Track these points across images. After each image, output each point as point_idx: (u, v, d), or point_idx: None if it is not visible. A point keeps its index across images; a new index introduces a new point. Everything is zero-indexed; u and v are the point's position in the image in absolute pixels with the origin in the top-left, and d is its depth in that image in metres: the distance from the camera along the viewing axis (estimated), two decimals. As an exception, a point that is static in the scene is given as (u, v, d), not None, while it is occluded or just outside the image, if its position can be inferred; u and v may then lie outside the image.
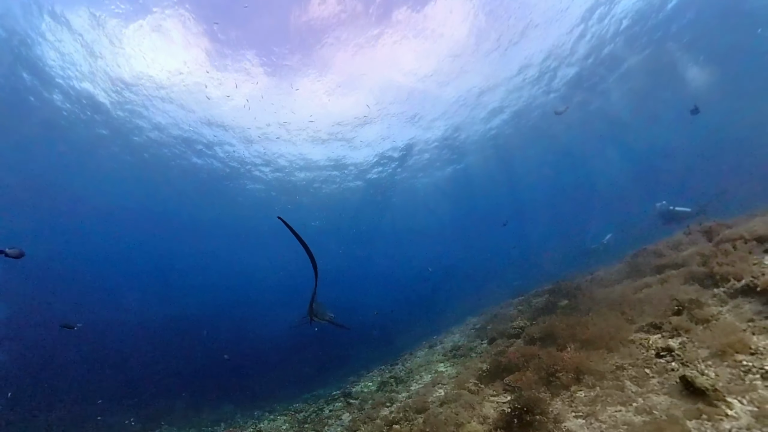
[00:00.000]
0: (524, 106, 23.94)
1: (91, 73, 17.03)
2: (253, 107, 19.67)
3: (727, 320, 4.47)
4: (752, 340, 3.97)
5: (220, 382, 16.80)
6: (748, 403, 3.25)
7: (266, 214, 34.12)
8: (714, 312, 4.85)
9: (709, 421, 3.29)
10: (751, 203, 7.30)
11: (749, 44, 20.38)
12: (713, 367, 3.86)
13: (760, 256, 5.55)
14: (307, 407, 9.76)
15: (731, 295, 5.05)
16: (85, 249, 36.46)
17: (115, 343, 23.90)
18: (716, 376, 3.65)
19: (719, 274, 5.37)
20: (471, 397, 5.65)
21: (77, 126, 20.19)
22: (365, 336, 19.47)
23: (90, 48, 15.75)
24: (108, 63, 16.59)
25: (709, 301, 5.10)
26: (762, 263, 5.39)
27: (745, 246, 5.75)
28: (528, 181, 37.78)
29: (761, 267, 5.29)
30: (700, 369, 3.86)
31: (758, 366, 3.59)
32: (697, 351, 4.22)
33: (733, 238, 5.96)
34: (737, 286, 5.06)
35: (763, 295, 4.63)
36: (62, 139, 21.09)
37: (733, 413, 3.27)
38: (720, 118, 29.03)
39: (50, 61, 16.16)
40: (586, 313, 6.23)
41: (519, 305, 9.80)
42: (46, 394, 14.80)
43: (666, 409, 3.57)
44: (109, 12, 14.44)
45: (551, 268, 12.79)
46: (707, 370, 3.83)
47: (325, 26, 16.72)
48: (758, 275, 5.00)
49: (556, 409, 4.27)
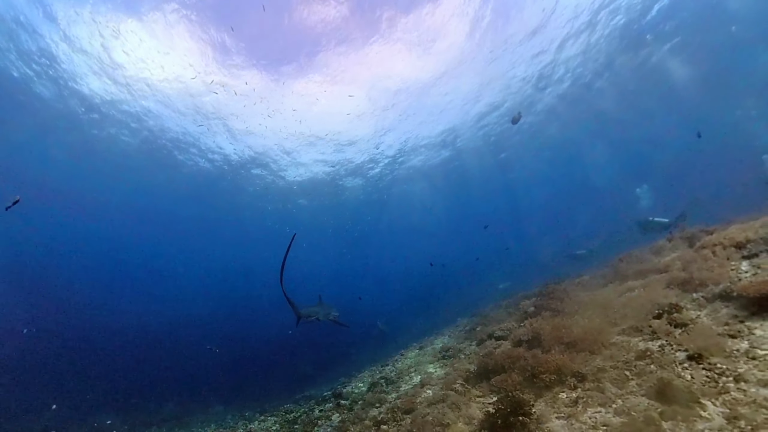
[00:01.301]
0: (518, 106, 24.24)
1: (92, 70, 16.79)
2: (250, 108, 19.64)
3: (704, 324, 4.63)
4: (727, 343, 4.12)
5: (211, 383, 16.72)
6: (720, 405, 3.39)
7: (261, 213, 34.06)
8: (692, 316, 5.01)
9: (683, 423, 3.42)
10: (724, 213, 7.53)
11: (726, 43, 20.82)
12: (689, 369, 4.00)
13: (738, 262, 5.74)
14: (298, 408, 9.78)
15: (709, 300, 5.21)
16: (75, 248, 35.93)
17: (103, 343, 23.60)
18: (691, 378, 3.79)
19: (698, 279, 5.54)
20: (458, 398, 5.74)
21: (74, 124, 19.96)
22: (360, 336, 19.55)
23: (85, 43, 15.52)
24: (104, 60, 16.35)
25: (688, 305, 5.27)
26: (739, 269, 5.58)
27: (723, 252, 5.93)
28: (522, 185, 38.38)
29: (738, 272, 5.48)
30: (677, 372, 3.99)
31: (731, 369, 3.73)
32: (675, 354, 4.36)
33: (712, 244, 6.15)
34: (715, 290, 5.23)
35: (738, 300, 4.80)
36: (57, 137, 20.86)
37: (707, 415, 3.40)
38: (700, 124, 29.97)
39: (43, 55, 15.91)
40: (572, 316, 6.37)
41: (508, 307, 9.95)
42: (31, 396, 14.56)
43: (644, 411, 3.69)
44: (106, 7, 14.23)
45: (541, 271, 13.06)
46: (684, 372, 3.97)
47: (321, 29, 16.77)
48: (735, 280, 5.19)
49: (539, 410, 4.38)
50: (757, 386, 3.35)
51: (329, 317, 9.76)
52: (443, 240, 53.66)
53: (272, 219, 35.97)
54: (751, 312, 4.58)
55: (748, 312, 4.58)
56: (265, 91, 18.86)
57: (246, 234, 40.60)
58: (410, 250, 54.71)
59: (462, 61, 19.17)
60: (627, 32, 18.94)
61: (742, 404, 3.26)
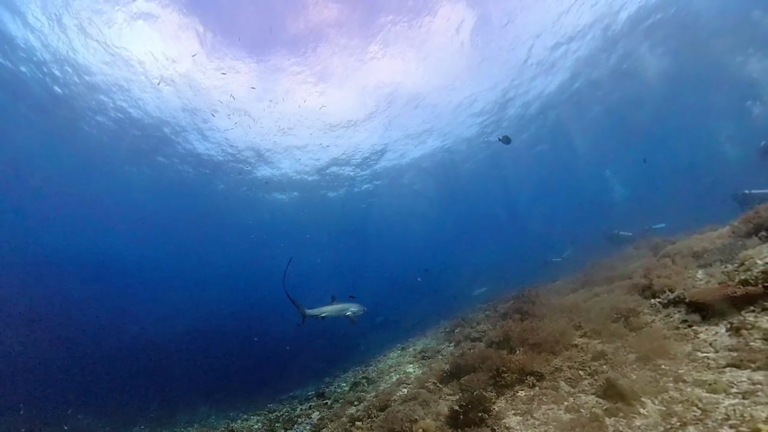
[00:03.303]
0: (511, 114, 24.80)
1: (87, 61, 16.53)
2: (251, 108, 19.75)
3: (656, 328, 4.94)
4: (672, 346, 4.43)
5: (197, 384, 16.71)
6: (659, 404, 3.67)
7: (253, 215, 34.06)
8: (648, 320, 5.33)
9: (624, 419, 3.70)
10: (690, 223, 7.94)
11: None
12: (637, 370, 4.30)
13: (695, 270, 6.08)
14: (281, 407, 9.97)
15: (665, 305, 5.53)
16: (69, 249, 35.54)
17: (84, 341, 23.24)
18: (636, 378, 4.08)
19: (657, 286, 5.86)
20: (429, 396, 6.00)
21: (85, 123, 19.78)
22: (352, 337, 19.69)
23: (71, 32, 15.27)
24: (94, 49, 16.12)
25: (645, 310, 5.58)
26: (695, 277, 5.92)
27: (682, 261, 6.28)
28: (511, 191, 39.18)
29: (694, 280, 5.83)
30: (625, 372, 4.29)
31: (673, 370, 4.03)
32: (627, 355, 4.66)
33: (673, 253, 6.49)
34: (670, 297, 5.56)
35: (690, 306, 5.12)
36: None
37: (645, 412, 3.69)
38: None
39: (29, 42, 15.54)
40: (541, 319, 6.67)
41: (486, 310, 10.25)
42: (11, 396, 14.26)
43: (591, 408, 3.97)
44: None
45: (519, 276, 13.53)
46: (631, 372, 4.26)
47: (317, 29, 17.02)
48: (689, 288, 5.52)
49: (499, 407, 4.65)
50: (693, 386, 3.65)
51: (344, 314, 9.54)
52: (428, 244, 54.26)
53: (257, 222, 35.97)
54: (700, 317, 4.91)
55: (697, 317, 4.91)
56: (262, 90, 18.95)
57: (232, 234, 40.51)
58: (398, 255, 55.17)
59: (456, 73, 19.69)
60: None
61: (676, 402, 3.55)
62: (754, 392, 3.13)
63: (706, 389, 3.45)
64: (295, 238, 41.35)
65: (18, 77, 16.63)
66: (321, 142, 24.14)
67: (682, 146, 32.85)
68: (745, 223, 5.86)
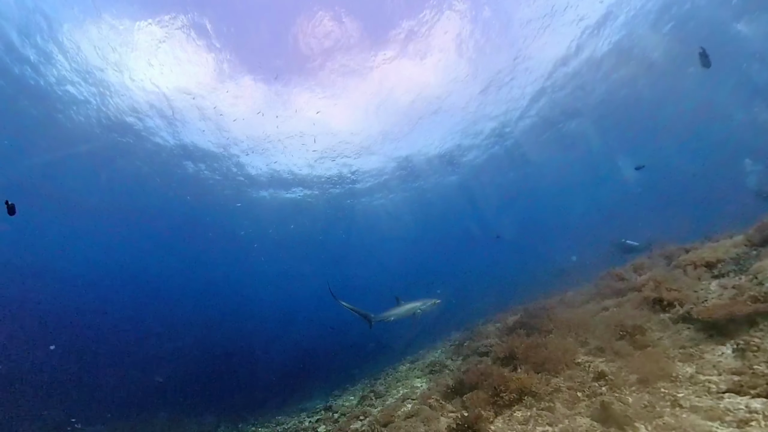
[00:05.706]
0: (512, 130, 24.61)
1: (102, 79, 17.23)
2: (252, 122, 20.33)
3: (661, 347, 4.73)
4: (675, 367, 4.23)
5: (206, 394, 16.82)
6: (652, 429, 3.51)
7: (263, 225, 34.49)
8: (655, 338, 5.10)
9: (617, 444, 3.57)
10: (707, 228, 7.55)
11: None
12: (636, 393, 4.12)
13: (708, 282, 5.79)
14: (288, 419, 10.05)
15: (675, 321, 5.29)
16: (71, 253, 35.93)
17: (93, 350, 23.64)
18: (632, 401, 3.92)
19: (667, 300, 5.61)
20: (431, 413, 5.94)
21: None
22: (360, 349, 19.66)
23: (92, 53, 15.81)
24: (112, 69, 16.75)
25: (653, 326, 5.35)
26: (708, 289, 5.64)
27: (695, 272, 6.00)
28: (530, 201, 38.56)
29: (706, 293, 5.55)
30: (623, 395, 4.13)
31: (672, 394, 3.85)
32: (628, 376, 4.48)
33: (685, 264, 6.21)
34: (680, 312, 5.31)
35: (699, 323, 4.88)
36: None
37: (638, 437, 3.54)
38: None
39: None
40: (547, 334, 6.49)
41: (497, 322, 10.05)
42: (18, 405, 14.26)
43: (585, 431, 3.84)
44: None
45: (532, 287, 13.18)
46: (629, 395, 4.09)
47: (321, 45, 17.42)
48: (700, 302, 5.27)
49: (496, 426, 4.55)
50: (689, 412, 3.47)
51: (414, 312, 9.46)
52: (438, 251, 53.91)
53: (249, 233, 36.11)
54: (708, 335, 4.67)
55: (705, 335, 4.68)
56: (267, 105, 19.56)
57: (245, 245, 40.68)
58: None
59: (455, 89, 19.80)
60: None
61: (669, 429, 3.38)
62: (748, 421, 2.95)
63: (701, 416, 3.28)
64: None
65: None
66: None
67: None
68: (760, 231, 5.55)
